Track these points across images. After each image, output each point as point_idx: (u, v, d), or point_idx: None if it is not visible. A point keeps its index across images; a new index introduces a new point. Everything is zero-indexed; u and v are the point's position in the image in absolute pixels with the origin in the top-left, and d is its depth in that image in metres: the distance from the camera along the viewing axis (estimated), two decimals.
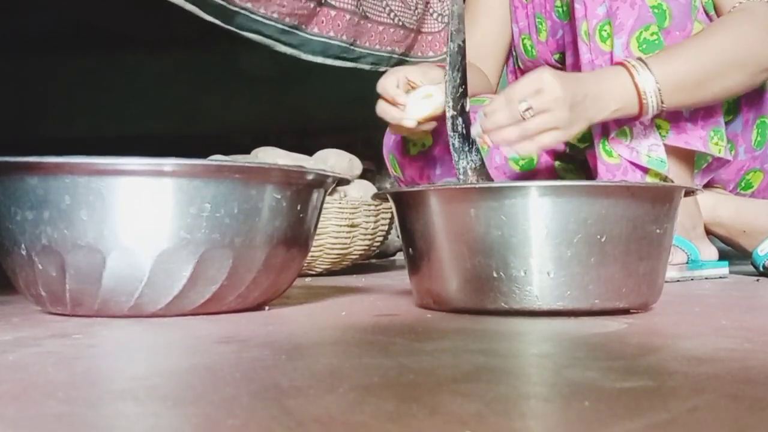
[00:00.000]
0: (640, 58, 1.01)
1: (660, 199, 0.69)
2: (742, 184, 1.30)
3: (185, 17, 1.26)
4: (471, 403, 0.36)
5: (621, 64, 1.01)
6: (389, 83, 1.06)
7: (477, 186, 0.73)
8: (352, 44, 1.58)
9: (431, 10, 1.82)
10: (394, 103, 1.06)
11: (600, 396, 0.38)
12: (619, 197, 0.66)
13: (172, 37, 2.59)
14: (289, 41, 1.46)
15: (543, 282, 0.66)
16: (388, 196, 0.78)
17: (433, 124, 1.08)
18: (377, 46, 1.66)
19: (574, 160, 1.31)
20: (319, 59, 1.54)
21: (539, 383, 0.42)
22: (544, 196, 0.66)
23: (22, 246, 0.66)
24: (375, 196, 0.81)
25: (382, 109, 1.08)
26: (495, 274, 0.67)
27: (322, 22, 1.51)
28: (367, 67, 1.66)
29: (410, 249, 0.74)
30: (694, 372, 0.44)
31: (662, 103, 1.00)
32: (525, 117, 0.93)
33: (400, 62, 1.70)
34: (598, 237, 0.66)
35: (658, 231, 0.69)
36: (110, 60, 2.88)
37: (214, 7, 1.27)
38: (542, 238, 0.66)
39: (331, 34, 1.53)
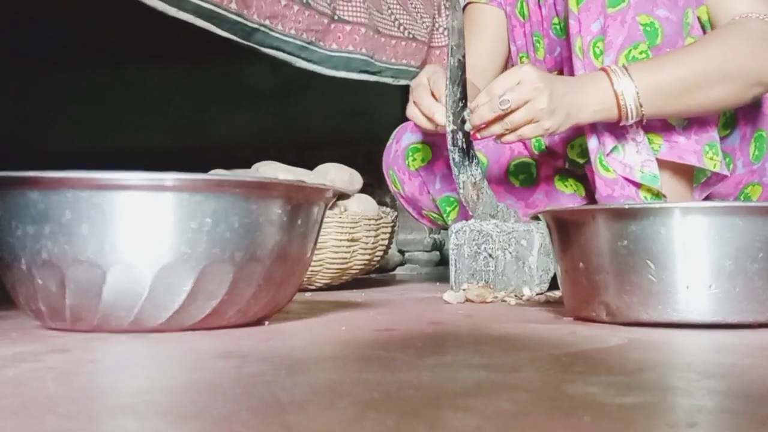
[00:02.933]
0: (624, 66, 1.03)
1: None
2: (741, 197, 1.30)
3: (187, 31, 1.25)
4: (471, 418, 0.36)
5: (603, 69, 1.04)
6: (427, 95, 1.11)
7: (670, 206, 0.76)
8: (371, 57, 1.59)
9: (437, 25, 1.83)
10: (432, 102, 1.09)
11: (600, 411, 0.38)
12: None
13: (174, 50, 2.60)
14: (309, 57, 1.46)
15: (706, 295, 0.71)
16: (544, 217, 0.82)
17: None
18: (393, 60, 1.67)
19: (573, 175, 1.31)
20: (343, 74, 1.55)
21: (539, 398, 0.42)
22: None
23: (22, 261, 0.66)
24: (533, 217, 0.85)
25: (414, 114, 1.12)
26: (671, 287, 0.71)
27: (339, 37, 1.51)
28: (390, 80, 1.67)
29: (581, 264, 0.76)
30: (695, 387, 0.44)
31: (641, 107, 1.01)
32: (505, 110, 0.97)
33: (416, 75, 1.72)
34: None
35: None
36: (111, 73, 2.90)
37: (231, 24, 1.26)
38: (705, 254, 0.70)
39: (351, 48, 1.53)
